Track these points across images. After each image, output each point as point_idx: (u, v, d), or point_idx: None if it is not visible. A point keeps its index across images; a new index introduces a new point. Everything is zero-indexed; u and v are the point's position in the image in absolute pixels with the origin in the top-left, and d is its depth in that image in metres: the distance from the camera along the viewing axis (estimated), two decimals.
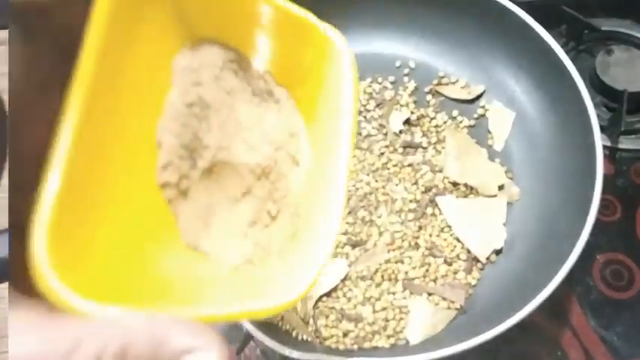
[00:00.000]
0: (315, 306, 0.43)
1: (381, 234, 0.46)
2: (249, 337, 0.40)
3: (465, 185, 0.47)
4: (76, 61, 0.14)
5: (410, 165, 0.49)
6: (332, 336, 0.42)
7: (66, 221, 0.14)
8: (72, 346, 0.14)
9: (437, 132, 0.51)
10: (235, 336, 0.42)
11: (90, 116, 0.14)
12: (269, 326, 0.40)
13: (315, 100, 0.23)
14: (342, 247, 0.45)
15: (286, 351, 0.36)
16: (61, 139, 0.13)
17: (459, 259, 0.45)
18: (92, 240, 0.15)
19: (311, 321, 0.42)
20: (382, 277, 0.44)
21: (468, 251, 0.45)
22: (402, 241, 0.45)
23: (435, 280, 0.44)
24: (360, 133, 0.50)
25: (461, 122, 0.51)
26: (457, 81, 0.53)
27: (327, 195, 0.20)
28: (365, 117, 0.51)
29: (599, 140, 0.42)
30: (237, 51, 0.21)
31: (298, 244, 0.21)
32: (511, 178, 0.48)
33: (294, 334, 0.41)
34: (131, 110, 0.17)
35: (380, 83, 0.53)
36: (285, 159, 0.22)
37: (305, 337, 0.41)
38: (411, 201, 0.47)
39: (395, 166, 0.49)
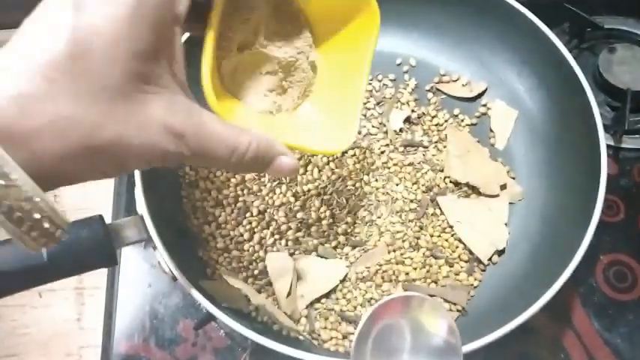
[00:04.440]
0: (314, 307, 0.42)
1: (381, 234, 0.45)
2: (209, 317, 0.43)
3: (467, 185, 0.47)
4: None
5: (411, 164, 0.48)
6: (331, 338, 0.41)
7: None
8: (239, 132, 0.27)
9: (438, 130, 0.50)
10: (194, 313, 0.46)
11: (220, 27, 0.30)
12: (238, 313, 0.40)
13: (338, 34, 0.36)
14: (342, 248, 0.44)
15: (266, 342, 0.35)
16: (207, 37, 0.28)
17: (461, 260, 0.44)
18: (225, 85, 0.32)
19: (304, 320, 0.42)
20: (382, 278, 0.43)
21: (470, 252, 0.44)
22: (403, 241, 0.45)
23: (436, 282, 0.44)
24: (359, 132, 0.49)
25: (462, 121, 0.51)
26: (458, 79, 0.52)
27: (350, 91, 0.36)
28: (365, 115, 0.50)
29: (604, 139, 0.42)
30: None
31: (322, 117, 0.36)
32: (513, 178, 0.48)
33: (274, 327, 0.41)
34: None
35: (380, 81, 0.52)
36: (304, 60, 0.35)
37: (293, 335, 0.41)
38: (411, 201, 0.46)
39: (395, 165, 0.48)
